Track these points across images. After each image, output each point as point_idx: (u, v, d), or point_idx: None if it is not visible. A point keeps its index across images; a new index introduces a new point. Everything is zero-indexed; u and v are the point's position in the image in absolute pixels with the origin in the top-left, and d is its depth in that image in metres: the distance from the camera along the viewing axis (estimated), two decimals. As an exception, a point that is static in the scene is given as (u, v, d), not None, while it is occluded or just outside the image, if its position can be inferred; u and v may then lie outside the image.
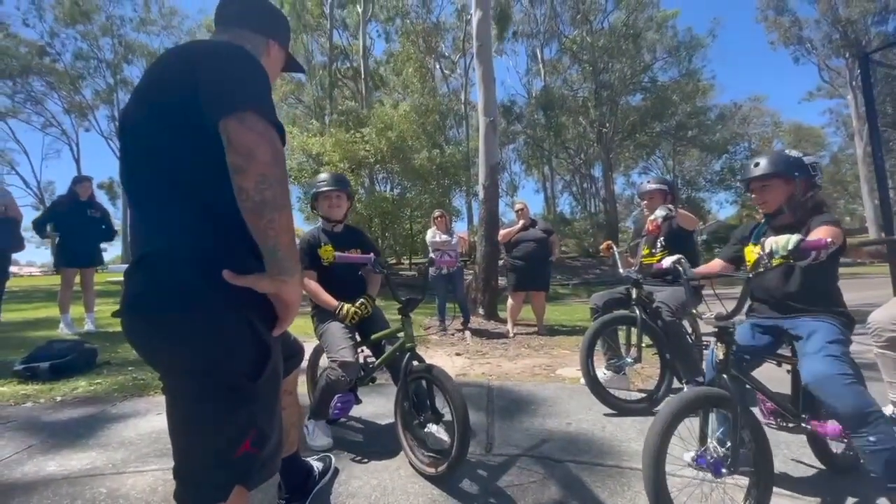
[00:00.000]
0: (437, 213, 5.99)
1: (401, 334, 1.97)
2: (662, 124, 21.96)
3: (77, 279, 4.90)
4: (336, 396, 1.96)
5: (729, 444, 1.47)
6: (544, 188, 30.82)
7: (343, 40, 23.09)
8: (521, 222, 5.51)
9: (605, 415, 2.47)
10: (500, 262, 6.86)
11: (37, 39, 24.57)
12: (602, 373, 2.81)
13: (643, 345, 2.67)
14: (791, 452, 1.98)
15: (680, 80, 21.61)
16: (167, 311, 0.88)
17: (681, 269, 1.81)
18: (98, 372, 3.36)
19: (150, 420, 2.44)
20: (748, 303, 1.85)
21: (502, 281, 6.76)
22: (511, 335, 5.30)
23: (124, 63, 27.09)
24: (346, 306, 2.12)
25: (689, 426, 1.48)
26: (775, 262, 1.45)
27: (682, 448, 1.53)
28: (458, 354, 4.38)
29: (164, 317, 0.88)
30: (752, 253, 1.86)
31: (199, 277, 0.88)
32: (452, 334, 5.41)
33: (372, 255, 2.10)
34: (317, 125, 14.56)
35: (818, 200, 1.80)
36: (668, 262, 1.86)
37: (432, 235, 5.75)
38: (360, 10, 17.90)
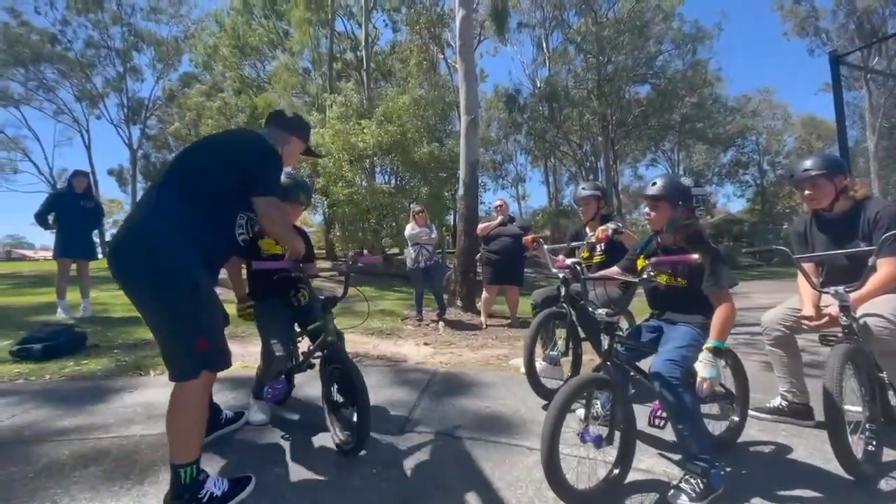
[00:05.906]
0: (417, 208, 6.22)
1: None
2: (665, 117, 21.71)
3: (74, 267, 5.25)
4: (269, 382, 2.22)
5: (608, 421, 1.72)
6: (547, 180, 30.78)
7: (348, 29, 23.12)
8: (500, 218, 5.72)
9: (531, 401, 2.70)
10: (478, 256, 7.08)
11: (48, 27, 25.01)
12: (539, 364, 3.04)
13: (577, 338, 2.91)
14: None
15: (686, 72, 21.28)
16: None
17: (579, 269, 2.14)
18: (87, 354, 3.68)
19: (133, 395, 2.73)
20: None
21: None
22: (484, 327, 5.55)
23: (133, 51, 27.45)
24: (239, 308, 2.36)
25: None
26: (662, 279, 1.81)
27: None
28: (426, 344, 4.64)
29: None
30: (642, 263, 2.07)
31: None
32: (427, 325, 5.68)
33: (289, 262, 2.18)
34: (318, 116, 14.74)
35: (696, 228, 1.98)
36: (569, 261, 2.09)
37: (411, 229, 5.98)
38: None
